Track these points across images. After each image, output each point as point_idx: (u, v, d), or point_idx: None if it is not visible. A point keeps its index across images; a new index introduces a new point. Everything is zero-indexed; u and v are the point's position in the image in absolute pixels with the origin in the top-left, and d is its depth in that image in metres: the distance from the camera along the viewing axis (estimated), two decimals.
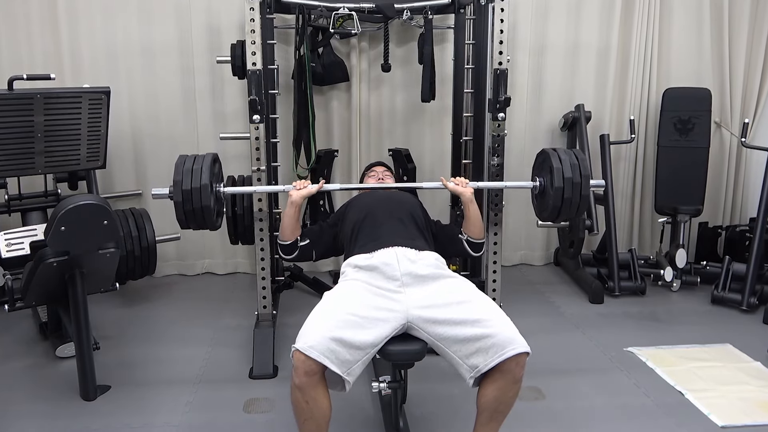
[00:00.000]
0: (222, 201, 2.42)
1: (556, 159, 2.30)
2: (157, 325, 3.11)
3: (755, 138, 3.88)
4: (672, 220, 3.67)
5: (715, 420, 2.23)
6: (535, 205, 2.53)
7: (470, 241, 2.35)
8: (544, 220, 2.48)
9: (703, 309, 3.33)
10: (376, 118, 3.76)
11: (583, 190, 2.28)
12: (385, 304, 1.84)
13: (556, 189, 2.28)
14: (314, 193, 2.35)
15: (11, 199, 3.01)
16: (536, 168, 2.48)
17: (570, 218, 2.39)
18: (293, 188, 2.32)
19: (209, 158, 2.26)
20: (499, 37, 2.61)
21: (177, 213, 2.21)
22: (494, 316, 1.79)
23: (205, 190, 2.18)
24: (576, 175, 2.27)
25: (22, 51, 3.47)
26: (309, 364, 1.67)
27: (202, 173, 2.18)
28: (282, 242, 2.33)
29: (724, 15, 3.79)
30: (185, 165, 2.22)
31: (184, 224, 2.25)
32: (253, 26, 2.56)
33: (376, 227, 2.13)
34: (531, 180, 2.48)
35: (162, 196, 2.26)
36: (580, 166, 2.28)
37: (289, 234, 2.30)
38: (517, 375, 1.75)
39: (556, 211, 2.33)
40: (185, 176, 2.19)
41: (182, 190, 2.18)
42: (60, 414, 2.28)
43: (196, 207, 2.19)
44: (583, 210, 2.35)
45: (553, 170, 2.28)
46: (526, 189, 2.50)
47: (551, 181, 2.30)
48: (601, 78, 3.84)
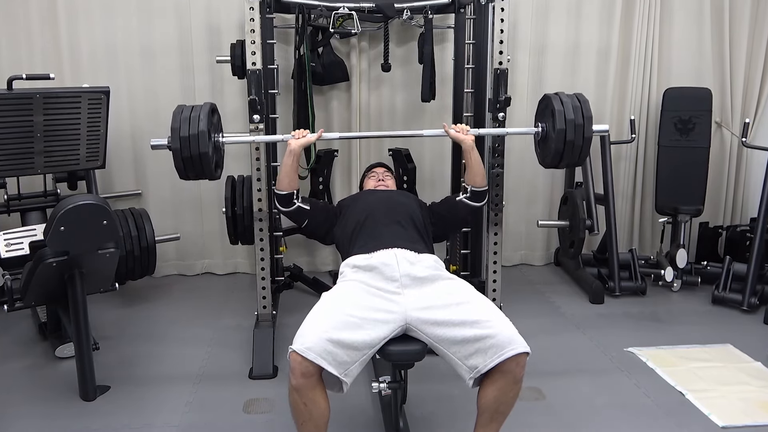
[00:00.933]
0: (221, 151, 2.38)
1: (558, 102, 2.27)
2: (156, 325, 3.11)
3: (756, 138, 3.87)
4: (672, 220, 3.66)
5: (715, 420, 2.23)
6: (538, 153, 2.48)
7: (474, 191, 2.34)
8: (547, 166, 2.43)
9: (704, 309, 3.32)
10: (376, 117, 3.75)
11: (585, 132, 2.24)
12: (384, 305, 1.84)
13: (558, 131, 2.24)
14: (313, 141, 2.37)
15: (10, 199, 3.00)
16: (539, 114, 2.45)
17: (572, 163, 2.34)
18: (292, 137, 2.33)
19: (207, 107, 2.24)
20: (500, 36, 2.61)
21: (175, 161, 2.19)
22: (493, 317, 1.79)
23: (204, 137, 2.15)
24: (578, 117, 2.23)
25: (21, 50, 3.46)
26: (306, 366, 1.67)
27: (200, 120, 2.16)
28: (278, 191, 2.31)
29: (724, 15, 3.79)
30: (183, 113, 2.20)
31: (182, 173, 2.22)
32: (253, 26, 2.56)
33: (376, 228, 2.12)
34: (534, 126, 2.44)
35: (161, 147, 2.24)
36: (582, 109, 2.25)
37: (286, 184, 2.29)
38: (518, 375, 1.74)
39: (558, 155, 2.28)
40: (183, 124, 2.17)
41: (180, 137, 2.16)
42: (59, 414, 2.28)
43: (194, 154, 2.16)
44: (585, 155, 2.31)
45: (555, 113, 2.24)
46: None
47: (553, 125, 2.26)
48: (602, 78, 3.84)
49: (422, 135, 2.56)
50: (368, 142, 3.74)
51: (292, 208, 2.32)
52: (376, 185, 2.54)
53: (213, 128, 2.28)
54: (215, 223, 3.73)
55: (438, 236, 2.38)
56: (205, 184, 3.74)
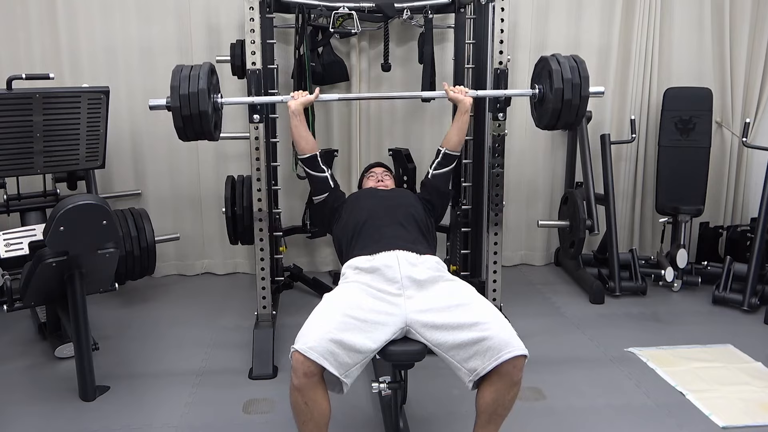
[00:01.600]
0: (219, 112, 2.37)
1: (555, 62, 2.27)
2: (156, 325, 3.10)
3: (756, 138, 3.86)
4: (673, 220, 3.66)
5: (716, 420, 2.22)
6: (535, 116, 2.48)
7: (447, 154, 2.39)
8: (543, 127, 2.43)
9: (704, 309, 3.32)
10: (376, 117, 3.75)
11: (582, 90, 2.23)
12: (385, 307, 1.84)
13: (555, 90, 2.23)
14: (312, 101, 2.38)
15: (10, 199, 3.00)
16: (535, 76, 2.44)
17: (569, 125, 2.35)
18: (291, 98, 2.34)
19: (206, 66, 2.24)
20: (500, 36, 2.61)
21: (175, 120, 2.19)
22: (492, 319, 1.79)
23: (203, 95, 2.15)
24: (575, 77, 2.23)
25: (20, 50, 3.46)
26: (308, 366, 1.67)
27: (200, 79, 2.16)
28: (301, 156, 2.35)
29: (725, 14, 3.78)
30: (182, 72, 2.20)
31: (182, 132, 2.22)
32: (253, 25, 2.56)
33: (378, 230, 2.12)
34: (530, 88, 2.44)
35: (160, 107, 2.24)
36: (579, 68, 2.25)
37: (304, 145, 2.33)
38: (515, 378, 1.74)
39: (556, 114, 2.28)
40: (182, 82, 2.17)
41: (180, 95, 2.16)
42: (59, 415, 2.27)
43: (194, 112, 2.16)
44: (582, 115, 2.30)
45: (553, 72, 2.24)
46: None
47: (551, 85, 2.25)
48: (602, 77, 3.83)
49: (420, 96, 2.56)
50: (368, 139, 3.74)
51: (323, 174, 2.35)
52: (376, 185, 2.53)
53: (212, 88, 2.27)
54: (215, 223, 3.73)
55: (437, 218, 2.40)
56: (204, 184, 3.74)
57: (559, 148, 3.94)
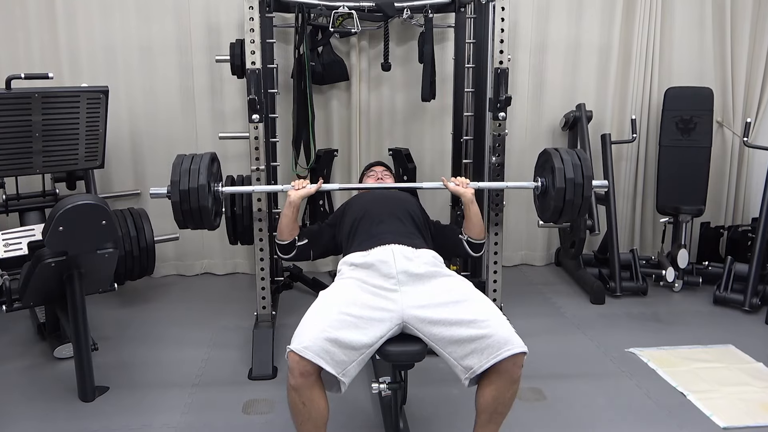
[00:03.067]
0: (220, 201, 2.41)
1: (558, 159, 2.28)
2: (155, 325, 3.10)
3: (757, 137, 3.85)
4: (674, 220, 3.65)
5: (717, 421, 2.22)
6: (537, 206, 2.52)
7: (470, 242, 2.35)
8: (546, 221, 2.47)
9: (705, 310, 3.31)
10: (376, 117, 3.74)
11: (585, 191, 2.26)
12: (381, 303, 1.83)
13: (557, 190, 2.26)
14: (313, 193, 2.34)
15: (9, 199, 2.99)
16: (538, 168, 2.47)
17: (572, 219, 2.38)
18: (292, 188, 2.31)
19: (207, 158, 2.25)
20: (500, 36, 2.60)
21: (175, 213, 2.21)
22: (491, 317, 1.78)
23: (203, 190, 2.17)
24: (578, 176, 2.25)
25: (19, 50, 3.45)
26: (304, 365, 1.66)
27: (200, 173, 2.17)
28: (280, 242, 2.32)
29: (726, 13, 3.78)
30: (183, 165, 2.21)
31: (182, 224, 2.25)
32: (253, 25, 2.55)
33: (374, 225, 2.12)
34: (533, 180, 2.46)
35: (160, 196, 2.25)
36: (582, 167, 2.27)
37: (287, 234, 2.30)
38: (515, 375, 1.73)
39: (557, 212, 2.31)
40: (183, 176, 2.18)
41: (180, 190, 2.17)
42: (58, 415, 2.27)
43: (194, 207, 2.18)
44: (585, 211, 2.34)
45: (555, 170, 2.26)
46: (528, 189, 2.49)
47: (553, 182, 2.28)
48: (603, 77, 3.83)
49: (422, 187, 2.53)
50: (368, 139, 3.73)
51: (294, 252, 2.33)
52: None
53: (213, 178, 2.29)
54: None
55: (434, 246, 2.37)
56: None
57: None
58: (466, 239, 2.35)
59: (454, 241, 2.36)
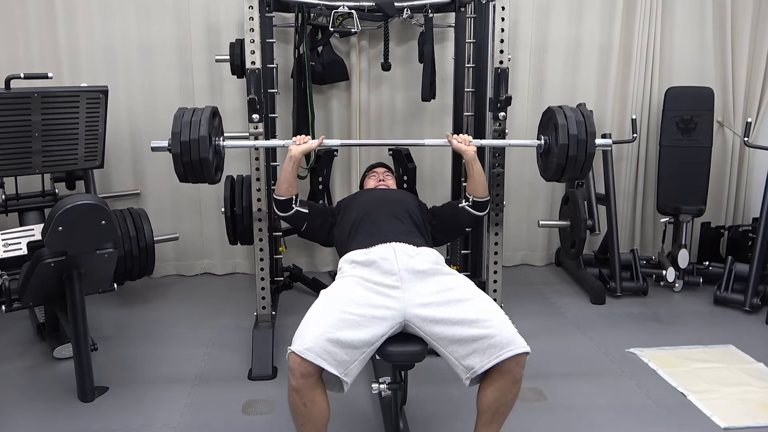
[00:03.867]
0: (221, 155, 2.38)
1: (561, 116, 2.26)
2: (155, 325, 3.09)
3: (758, 137, 3.85)
4: (674, 220, 3.65)
5: (717, 421, 2.22)
6: (540, 165, 2.48)
7: (475, 201, 2.37)
8: (548, 180, 2.44)
9: (706, 310, 3.31)
10: (376, 117, 3.74)
11: (588, 147, 2.23)
12: (383, 301, 1.82)
13: (561, 146, 2.23)
14: (314, 148, 2.37)
15: (8, 199, 2.99)
16: (542, 126, 2.45)
17: (574, 178, 2.35)
18: (293, 143, 2.34)
19: (208, 111, 2.23)
20: (500, 35, 2.59)
21: (175, 165, 2.19)
22: (493, 316, 1.77)
23: (204, 142, 2.15)
24: (582, 132, 2.23)
25: (19, 49, 3.45)
26: (305, 366, 1.66)
27: (201, 125, 2.16)
28: (277, 197, 2.34)
29: (726, 13, 3.77)
30: (184, 117, 2.19)
31: (182, 177, 2.23)
32: (252, 24, 2.54)
33: (374, 224, 2.11)
34: (536, 138, 2.44)
35: (161, 149, 2.23)
36: (586, 123, 2.24)
37: (285, 189, 2.32)
38: (517, 375, 1.73)
39: (560, 169, 2.29)
40: (184, 128, 2.16)
41: (180, 141, 2.15)
42: (57, 416, 2.27)
43: (194, 159, 2.16)
44: (587, 170, 2.31)
45: (558, 127, 2.23)
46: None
47: (556, 139, 2.25)
48: (603, 77, 3.82)
49: (424, 144, 2.58)
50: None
51: (291, 212, 2.35)
52: (377, 185, 2.52)
53: (214, 132, 2.27)
54: (214, 223, 3.72)
55: (437, 240, 2.37)
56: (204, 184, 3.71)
57: None
58: (469, 204, 2.38)
59: (454, 213, 2.38)
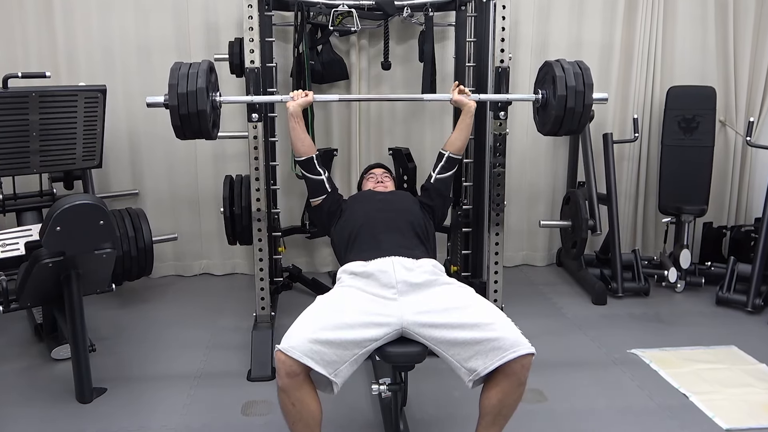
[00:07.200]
0: (218, 110, 2.35)
1: (559, 68, 2.24)
2: (154, 326, 3.08)
3: (760, 137, 3.83)
4: (676, 220, 3.64)
5: (719, 423, 2.20)
6: (537, 121, 2.46)
7: (450, 157, 2.37)
8: (546, 134, 2.40)
9: (708, 310, 3.29)
10: (376, 116, 3.73)
11: (586, 99, 2.21)
12: (379, 309, 1.81)
13: (558, 97, 2.20)
14: (311, 102, 2.35)
15: (6, 199, 2.97)
16: (539, 81, 2.42)
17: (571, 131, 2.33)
18: (291, 99, 2.32)
19: (205, 64, 2.21)
20: (501, 35, 2.59)
21: (172, 119, 2.16)
22: (496, 320, 1.76)
23: (201, 93, 2.12)
24: (579, 84, 2.20)
25: (17, 49, 3.44)
26: (290, 365, 1.65)
27: (198, 77, 2.13)
28: (298, 158, 2.33)
29: (728, 12, 3.76)
30: (181, 70, 2.17)
31: (179, 131, 2.19)
32: (251, 23, 2.53)
33: (374, 236, 2.08)
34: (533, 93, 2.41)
35: (157, 104, 2.21)
36: (584, 75, 2.22)
37: (301, 149, 2.30)
38: (522, 377, 1.72)
39: (558, 122, 2.26)
40: (181, 80, 2.14)
41: (178, 93, 2.13)
42: (55, 417, 2.26)
43: (192, 111, 2.13)
44: (585, 123, 2.28)
45: (556, 79, 2.21)
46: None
47: (554, 91, 2.23)
48: (604, 76, 3.80)
49: (422, 99, 2.54)
50: (368, 138, 3.72)
51: (319, 177, 2.31)
52: (375, 187, 2.50)
53: (211, 86, 2.25)
54: (213, 223, 3.71)
55: (439, 219, 2.37)
56: (202, 183, 3.72)
57: (561, 148, 3.92)
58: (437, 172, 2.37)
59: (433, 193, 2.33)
